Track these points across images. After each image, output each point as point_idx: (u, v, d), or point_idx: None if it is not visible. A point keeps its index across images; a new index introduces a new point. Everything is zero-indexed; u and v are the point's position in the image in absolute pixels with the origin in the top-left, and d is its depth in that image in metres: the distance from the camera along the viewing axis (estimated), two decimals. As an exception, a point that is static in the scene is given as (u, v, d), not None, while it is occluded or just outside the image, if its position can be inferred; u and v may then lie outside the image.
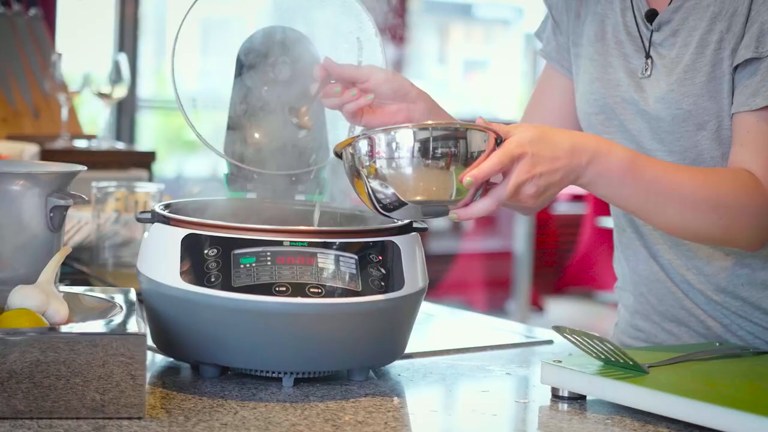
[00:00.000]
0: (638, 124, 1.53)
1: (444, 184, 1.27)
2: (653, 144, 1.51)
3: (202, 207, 1.47)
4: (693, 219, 1.40)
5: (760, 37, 1.42)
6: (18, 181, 1.34)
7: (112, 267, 1.98)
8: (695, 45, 1.48)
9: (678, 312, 1.57)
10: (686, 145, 1.49)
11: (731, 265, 1.52)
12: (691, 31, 1.49)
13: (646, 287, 1.60)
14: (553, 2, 1.67)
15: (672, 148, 1.50)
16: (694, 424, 1.20)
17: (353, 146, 1.29)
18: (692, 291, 1.55)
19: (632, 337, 1.65)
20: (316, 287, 1.28)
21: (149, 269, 1.34)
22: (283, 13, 1.60)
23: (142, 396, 1.16)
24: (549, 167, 1.31)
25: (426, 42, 8.34)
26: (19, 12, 3.46)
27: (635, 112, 1.53)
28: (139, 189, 2.04)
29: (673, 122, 1.49)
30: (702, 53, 1.47)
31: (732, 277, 1.52)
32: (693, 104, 1.47)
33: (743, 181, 1.41)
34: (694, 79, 1.47)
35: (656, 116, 1.50)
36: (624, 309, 1.67)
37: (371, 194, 1.29)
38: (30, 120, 3.35)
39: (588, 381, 1.28)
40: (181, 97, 1.49)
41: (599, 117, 1.57)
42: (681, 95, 1.48)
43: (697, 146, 1.49)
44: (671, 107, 1.48)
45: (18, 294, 1.25)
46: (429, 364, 1.48)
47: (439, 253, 6.20)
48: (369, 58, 1.55)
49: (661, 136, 1.51)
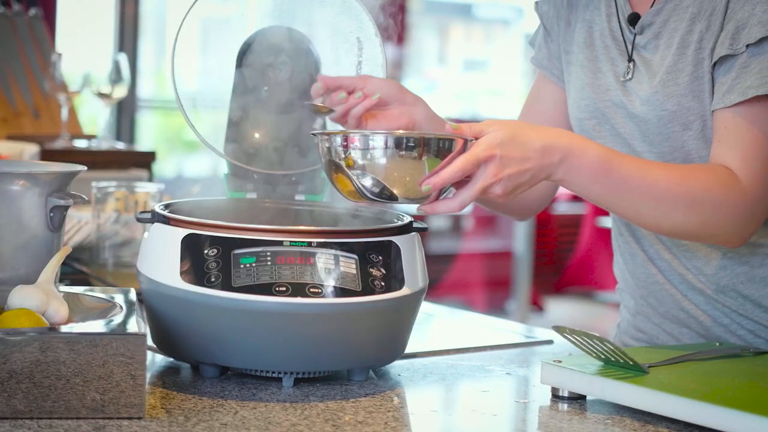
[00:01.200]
0: (628, 127, 1.53)
1: (413, 184, 1.32)
2: (643, 146, 1.52)
3: (202, 207, 1.47)
4: (668, 215, 1.41)
5: (735, 34, 1.43)
6: (18, 181, 1.34)
7: (112, 267, 1.98)
8: (676, 46, 1.49)
9: (678, 313, 1.57)
10: (674, 145, 1.49)
11: (730, 263, 1.52)
12: (672, 33, 1.50)
13: (645, 290, 1.60)
14: (544, 11, 1.68)
15: (661, 149, 1.50)
16: (694, 424, 1.20)
17: (331, 139, 1.34)
18: (692, 292, 1.55)
19: (634, 338, 1.65)
20: (316, 287, 1.28)
21: (149, 269, 1.34)
22: (283, 13, 1.60)
23: (142, 396, 1.16)
24: (518, 168, 1.33)
25: (426, 42, 8.35)
26: (19, 12, 3.46)
27: (624, 116, 1.54)
28: (139, 189, 2.04)
29: (659, 123, 1.49)
30: (683, 54, 1.48)
31: (731, 276, 1.52)
32: (677, 105, 1.48)
33: (719, 176, 1.41)
34: (677, 80, 1.48)
35: (643, 118, 1.51)
36: (626, 310, 1.67)
37: (353, 180, 1.34)
38: (30, 120, 3.35)
39: (588, 381, 1.28)
40: (181, 97, 1.49)
41: (591, 122, 1.58)
42: (665, 96, 1.48)
43: (685, 146, 1.49)
44: (656, 109, 1.49)
45: (18, 294, 1.25)
46: (429, 364, 1.48)
47: (439, 253, 6.20)
48: (369, 58, 1.55)
49: (650, 137, 1.51)
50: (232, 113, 1.55)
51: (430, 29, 8.43)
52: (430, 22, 8.38)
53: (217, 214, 1.46)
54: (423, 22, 8.10)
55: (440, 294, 5.81)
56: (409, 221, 1.41)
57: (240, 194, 1.55)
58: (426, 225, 1.42)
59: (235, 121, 1.55)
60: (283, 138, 1.55)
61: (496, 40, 8.90)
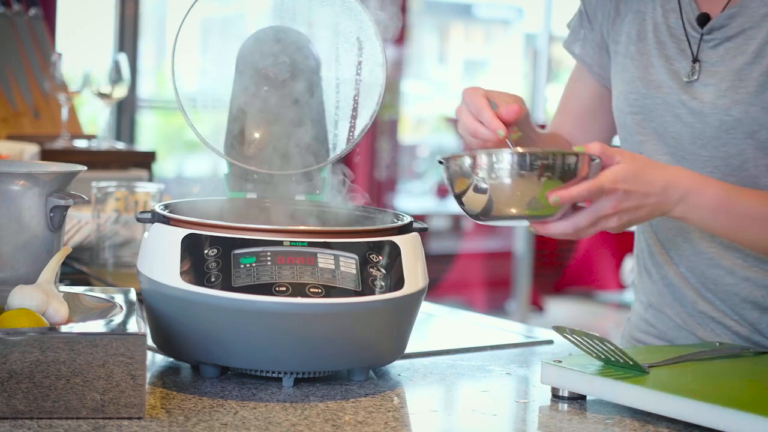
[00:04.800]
0: (678, 127, 1.52)
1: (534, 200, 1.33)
2: (694, 148, 1.51)
3: (202, 207, 1.47)
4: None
5: None
6: (18, 181, 1.34)
7: (112, 267, 1.98)
8: (752, 54, 1.47)
9: (690, 317, 1.57)
10: (731, 152, 1.49)
11: (754, 275, 1.52)
12: (748, 40, 1.48)
13: (658, 288, 1.60)
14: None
15: (715, 153, 1.49)
16: (694, 424, 1.20)
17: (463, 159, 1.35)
18: (706, 300, 1.55)
19: (644, 332, 1.65)
20: (316, 287, 1.28)
21: (149, 269, 1.34)
22: (283, 13, 1.60)
23: (142, 396, 1.16)
24: (637, 203, 1.35)
25: (426, 42, 8.34)
26: (19, 12, 3.46)
27: (676, 116, 1.52)
28: (139, 189, 2.05)
29: (720, 128, 1.48)
30: (758, 63, 1.47)
31: (752, 288, 1.52)
32: (743, 112, 1.47)
33: None
34: (747, 87, 1.47)
35: (702, 121, 1.49)
36: (639, 304, 1.67)
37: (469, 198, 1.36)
38: (30, 120, 3.35)
39: (588, 381, 1.28)
40: (181, 97, 1.49)
41: (636, 117, 1.57)
42: (732, 102, 1.47)
43: (743, 154, 1.48)
44: (720, 113, 1.48)
45: (18, 294, 1.25)
46: (429, 364, 1.48)
47: (439, 253, 6.21)
48: (369, 58, 1.55)
49: (704, 141, 1.50)
50: (232, 113, 1.55)
51: (430, 29, 8.43)
52: (430, 22, 8.38)
53: (217, 214, 1.46)
54: (423, 22, 8.10)
55: (440, 294, 5.81)
56: (409, 221, 1.41)
57: (240, 194, 1.54)
58: (426, 225, 1.42)
59: (235, 121, 1.55)
60: (283, 138, 1.55)
61: (496, 40, 8.90)
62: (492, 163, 1.33)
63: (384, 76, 1.56)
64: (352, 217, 1.51)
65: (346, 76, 1.57)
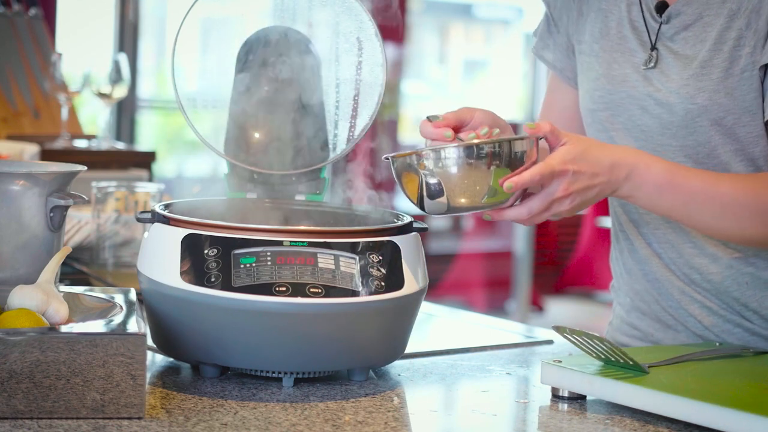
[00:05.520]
0: (645, 119, 1.52)
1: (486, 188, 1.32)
2: (664, 139, 1.51)
3: (202, 207, 1.47)
4: (738, 225, 1.43)
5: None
6: (18, 181, 1.34)
7: (112, 267, 1.98)
8: (712, 41, 1.47)
9: (676, 311, 1.57)
10: (700, 140, 1.49)
11: (737, 263, 1.52)
12: (707, 27, 1.49)
13: (642, 285, 1.60)
14: (551, 0, 1.67)
15: (684, 142, 1.50)
16: (694, 424, 1.20)
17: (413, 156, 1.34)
18: (693, 291, 1.55)
19: (628, 335, 1.64)
20: (316, 287, 1.28)
21: (149, 269, 1.34)
22: (283, 13, 1.60)
23: (142, 396, 1.16)
24: (587, 184, 1.36)
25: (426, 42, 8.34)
26: (19, 12, 3.46)
27: (643, 108, 1.53)
28: (139, 189, 2.05)
29: (686, 116, 1.49)
30: (719, 50, 1.47)
31: (736, 275, 1.52)
32: (708, 99, 1.47)
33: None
34: (711, 75, 1.47)
35: (669, 110, 1.50)
36: (620, 307, 1.67)
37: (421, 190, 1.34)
38: (30, 120, 3.35)
39: (588, 381, 1.28)
40: (181, 97, 1.49)
41: (604, 114, 1.57)
42: (696, 90, 1.47)
43: (711, 141, 1.48)
44: (686, 102, 1.48)
45: (18, 294, 1.25)
46: (429, 364, 1.48)
47: (439, 253, 6.21)
48: (369, 58, 1.55)
49: (673, 131, 1.50)
50: (232, 113, 1.55)
51: (430, 29, 8.42)
52: (430, 22, 8.37)
53: (217, 214, 1.46)
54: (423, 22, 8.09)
55: (440, 294, 5.81)
56: (409, 221, 1.41)
57: (240, 194, 1.54)
58: (426, 225, 1.42)
59: (235, 121, 1.55)
60: (283, 138, 1.55)
61: (496, 40, 8.90)
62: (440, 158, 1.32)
63: (384, 76, 1.56)
64: (352, 217, 1.51)
65: (346, 76, 1.58)
